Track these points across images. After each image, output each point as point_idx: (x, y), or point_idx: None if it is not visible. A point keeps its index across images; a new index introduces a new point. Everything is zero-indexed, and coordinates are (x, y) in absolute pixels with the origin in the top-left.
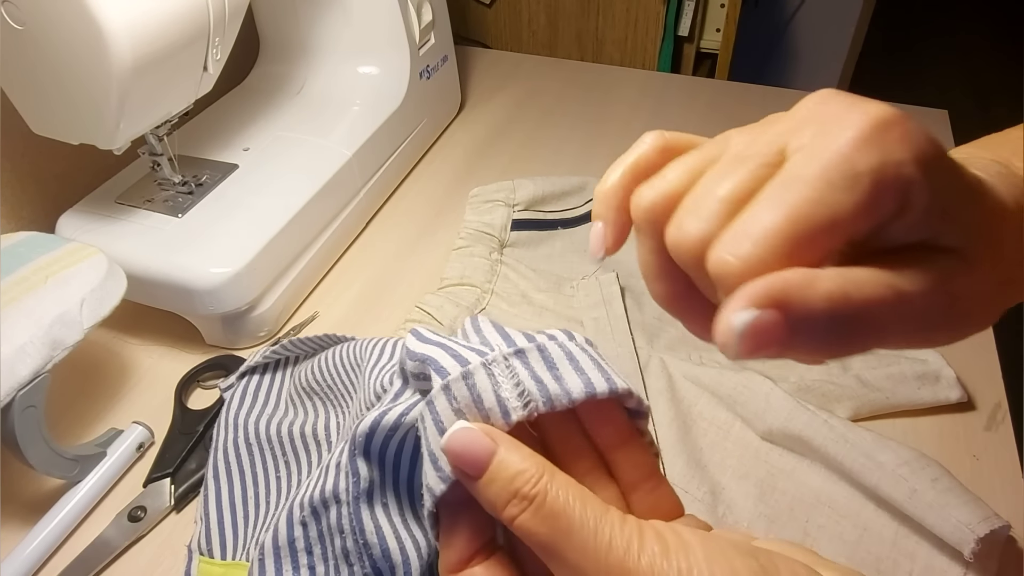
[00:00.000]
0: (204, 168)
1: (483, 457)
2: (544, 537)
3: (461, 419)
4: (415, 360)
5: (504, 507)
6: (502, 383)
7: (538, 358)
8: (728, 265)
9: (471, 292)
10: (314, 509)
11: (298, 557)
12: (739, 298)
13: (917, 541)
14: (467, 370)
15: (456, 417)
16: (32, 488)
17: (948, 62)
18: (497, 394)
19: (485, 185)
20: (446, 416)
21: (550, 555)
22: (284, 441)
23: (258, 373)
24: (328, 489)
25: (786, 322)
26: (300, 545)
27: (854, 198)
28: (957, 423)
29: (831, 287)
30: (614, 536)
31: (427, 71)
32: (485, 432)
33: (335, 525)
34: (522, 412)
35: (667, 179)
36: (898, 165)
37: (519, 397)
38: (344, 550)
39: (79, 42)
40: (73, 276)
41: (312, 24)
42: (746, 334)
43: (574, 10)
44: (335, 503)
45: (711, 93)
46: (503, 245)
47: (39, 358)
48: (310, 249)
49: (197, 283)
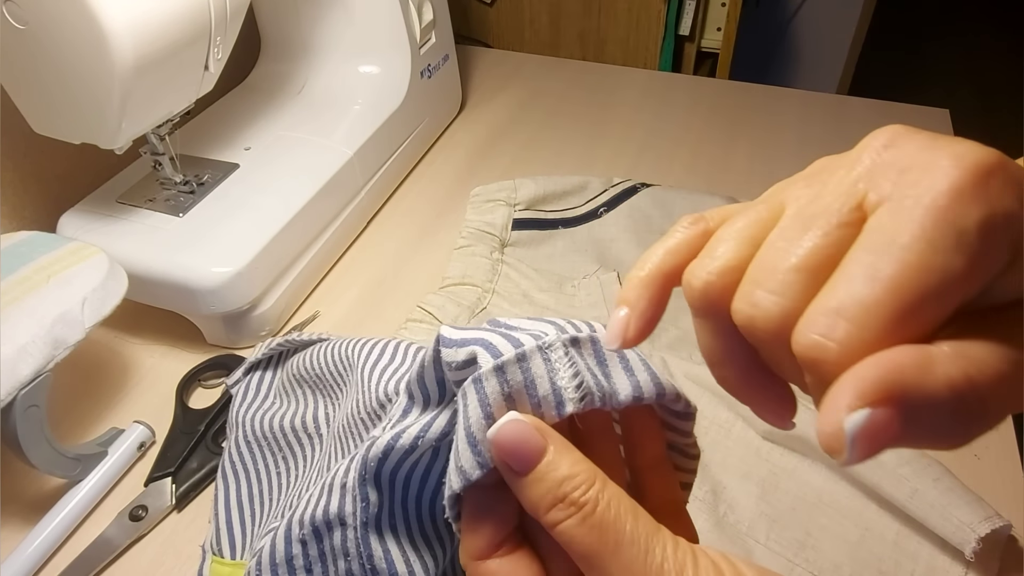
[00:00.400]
0: (205, 167)
1: (533, 455)
2: (589, 548)
3: (511, 405)
4: (455, 346)
5: (548, 510)
6: (559, 370)
7: (591, 351)
8: (826, 351)
9: (472, 291)
10: (315, 528)
11: (296, 574)
12: (846, 394)
13: (919, 541)
14: (522, 352)
15: (505, 402)
16: (34, 487)
17: (950, 61)
18: (553, 382)
19: (486, 184)
20: (495, 400)
21: (592, 567)
22: (278, 436)
23: (260, 369)
24: (332, 511)
25: (903, 417)
26: (299, 563)
27: (963, 260)
28: None
29: (953, 372)
30: (666, 559)
31: (428, 70)
32: (537, 428)
33: (339, 547)
34: (577, 405)
35: (722, 251)
36: (1007, 216)
37: (576, 389)
38: (349, 572)
39: (81, 41)
40: (75, 275)
41: (313, 23)
42: (859, 437)
43: (576, 9)
44: (340, 526)
45: (712, 92)
46: (504, 244)
47: (41, 357)
48: (311, 248)
49: (198, 282)
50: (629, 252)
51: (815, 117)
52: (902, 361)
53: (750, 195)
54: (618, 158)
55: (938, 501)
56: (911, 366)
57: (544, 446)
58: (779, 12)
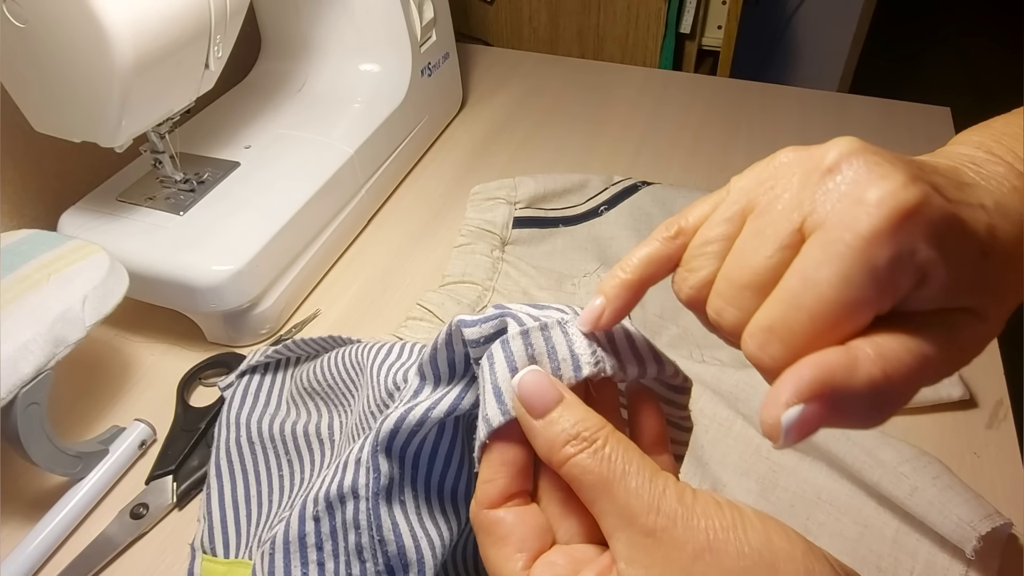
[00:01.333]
0: (206, 166)
1: (550, 399)
2: (598, 477)
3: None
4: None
5: (562, 446)
6: (576, 341)
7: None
8: (762, 361)
9: (472, 289)
10: (329, 504)
11: (307, 553)
12: (784, 392)
13: (918, 539)
14: (544, 323)
15: (529, 361)
16: (34, 485)
17: (949, 60)
18: (571, 349)
19: (486, 183)
20: (519, 357)
21: (599, 495)
22: (287, 440)
23: (259, 373)
24: (347, 484)
25: (830, 409)
26: (311, 541)
27: (873, 290)
28: (958, 421)
29: (874, 371)
30: (668, 487)
31: (428, 68)
32: (555, 380)
33: (351, 520)
34: (592, 369)
35: (697, 266)
36: (914, 253)
37: (592, 355)
38: (358, 546)
39: (81, 40)
40: (75, 274)
41: (313, 21)
42: (792, 428)
43: (575, 7)
44: (353, 498)
45: (712, 90)
46: (504, 243)
47: (42, 355)
48: (311, 247)
49: (199, 281)
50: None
51: (815, 115)
52: (832, 364)
53: None
54: (617, 156)
55: (938, 499)
56: (839, 368)
57: (560, 394)
58: (779, 10)
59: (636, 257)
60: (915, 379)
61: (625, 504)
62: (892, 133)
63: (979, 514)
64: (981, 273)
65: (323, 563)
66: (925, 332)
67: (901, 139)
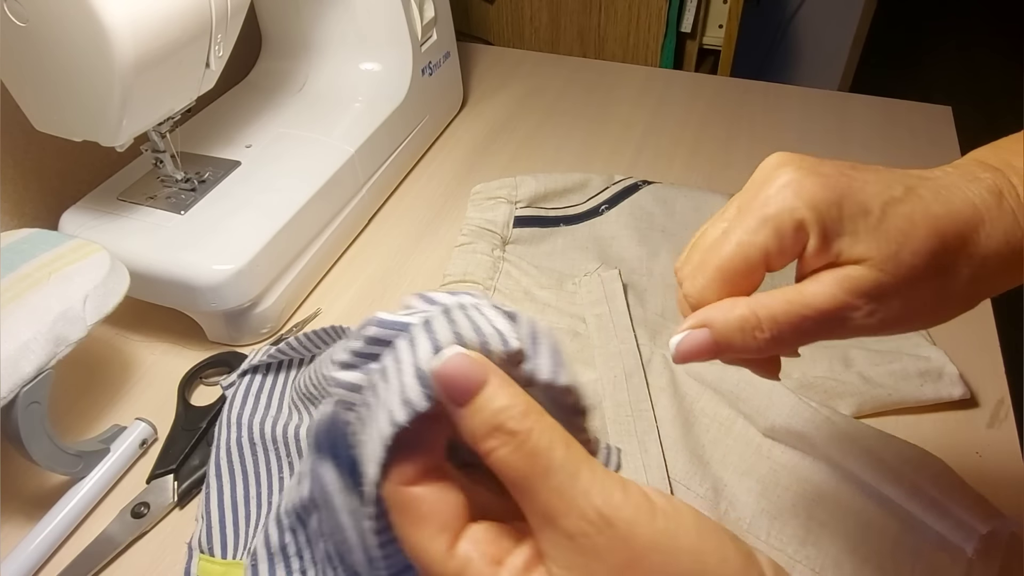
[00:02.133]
0: (206, 165)
1: (473, 386)
2: (520, 473)
3: (459, 343)
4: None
5: (485, 439)
6: (495, 319)
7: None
8: (687, 293)
9: (473, 289)
10: (298, 516)
11: (291, 562)
12: (683, 324)
13: (919, 538)
14: (463, 303)
15: (455, 340)
16: (35, 484)
17: (950, 60)
18: (493, 325)
19: (487, 182)
20: (443, 336)
21: (523, 492)
22: (289, 442)
23: (260, 373)
24: (305, 496)
25: (713, 337)
26: (291, 551)
27: (762, 240)
28: (960, 420)
29: (743, 311)
30: (594, 483)
31: (429, 68)
32: (479, 363)
33: (316, 530)
34: (517, 344)
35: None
36: (792, 211)
37: (513, 331)
38: (327, 554)
39: (82, 39)
40: (76, 273)
41: (314, 21)
42: (679, 347)
43: (576, 7)
44: (315, 509)
45: (714, 90)
46: (505, 242)
47: (43, 354)
48: (312, 246)
49: (200, 280)
50: (630, 250)
51: (816, 114)
52: (717, 305)
53: None
54: (618, 155)
55: (939, 498)
56: (719, 306)
57: (483, 378)
58: (780, 10)
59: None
60: (797, 320)
61: (547, 504)
62: (893, 132)
63: (980, 514)
64: (871, 231)
65: (305, 571)
66: (814, 284)
67: (902, 139)
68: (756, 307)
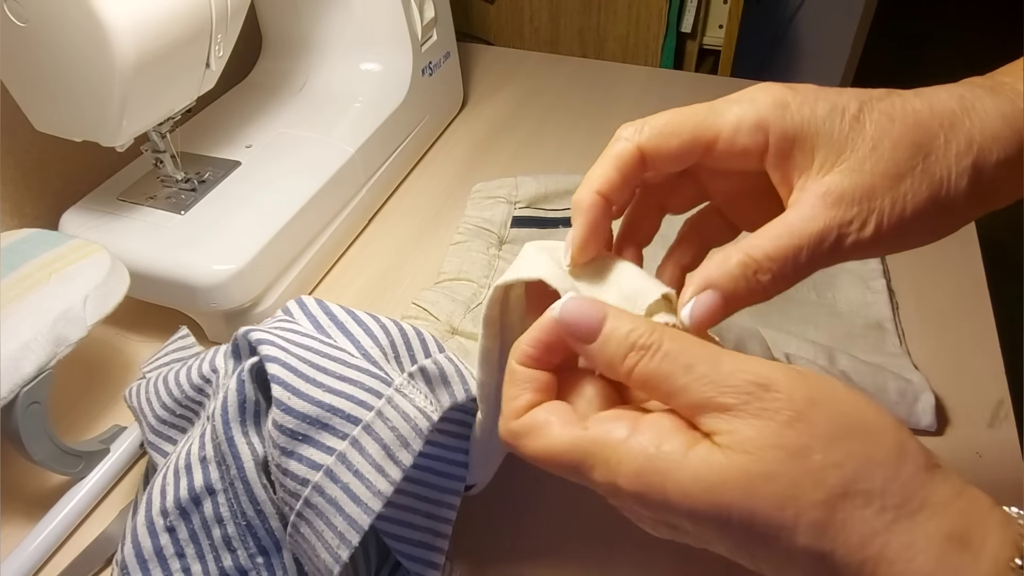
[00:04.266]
0: (207, 165)
1: (596, 323)
2: (665, 376)
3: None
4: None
5: (623, 360)
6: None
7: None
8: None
9: (468, 287)
10: (183, 509)
11: (169, 563)
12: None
13: None
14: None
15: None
16: (36, 484)
17: (952, 59)
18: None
19: (488, 181)
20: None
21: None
22: None
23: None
24: (199, 485)
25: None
26: (169, 552)
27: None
28: (960, 420)
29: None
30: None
31: (429, 68)
32: (594, 303)
33: (212, 516)
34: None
35: None
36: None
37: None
38: (225, 538)
39: (82, 39)
40: (76, 273)
41: (314, 21)
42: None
43: (576, 7)
44: (209, 495)
45: (714, 90)
46: (502, 241)
47: (43, 355)
48: (313, 246)
49: (200, 280)
50: None
51: None
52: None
53: None
54: None
55: None
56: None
57: (604, 314)
58: (781, 9)
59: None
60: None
61: (699, 392)
62: None
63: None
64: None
65: (188, 568)
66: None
67: None
68: (749, 250)
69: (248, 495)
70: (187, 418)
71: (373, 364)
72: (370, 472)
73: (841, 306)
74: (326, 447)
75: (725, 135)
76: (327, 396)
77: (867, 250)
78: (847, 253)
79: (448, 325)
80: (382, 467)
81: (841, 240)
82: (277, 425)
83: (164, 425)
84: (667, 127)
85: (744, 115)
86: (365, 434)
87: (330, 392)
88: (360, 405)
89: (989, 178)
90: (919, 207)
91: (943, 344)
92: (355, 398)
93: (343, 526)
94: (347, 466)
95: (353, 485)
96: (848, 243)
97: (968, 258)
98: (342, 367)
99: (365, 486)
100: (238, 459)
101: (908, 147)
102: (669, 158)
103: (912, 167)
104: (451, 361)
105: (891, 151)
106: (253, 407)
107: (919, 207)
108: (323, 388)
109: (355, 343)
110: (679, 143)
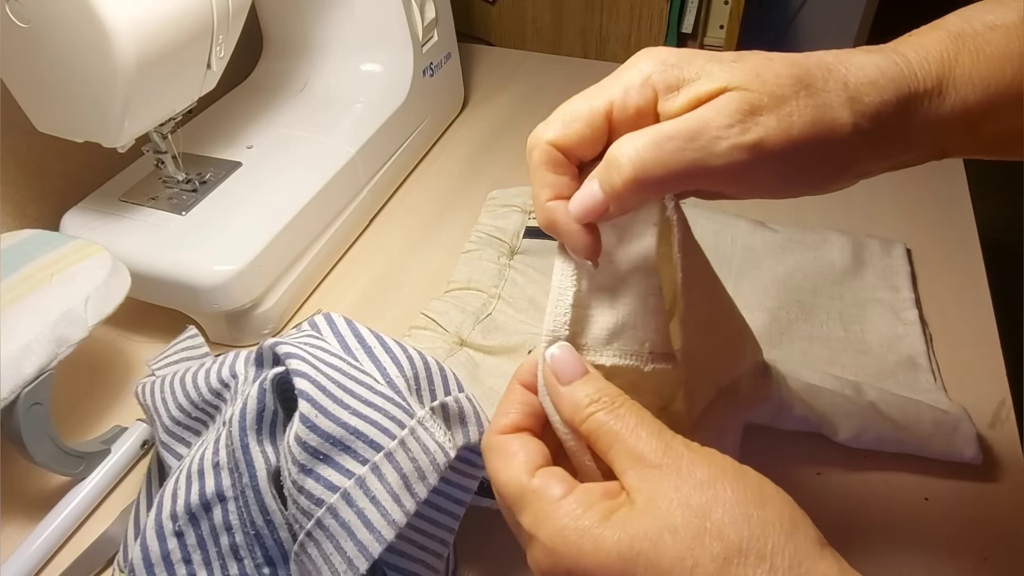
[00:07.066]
0: (208, 166)
1: (577, 371)
2: (610, 429)
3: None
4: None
5: (587, 407)
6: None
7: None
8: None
9: (478, 297)
10: (192, 515)
11: (175, 569)
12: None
13: None
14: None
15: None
16: (37, 485)
17: None
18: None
19: (505, 188)
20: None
21: (612, 443)
22: None
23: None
24: (210, 490)
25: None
26: (176, 557)
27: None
28: None
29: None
30: (676, 439)
31: (430, 68)
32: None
33: (221, 524)
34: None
35: None
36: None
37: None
38: (233, 546)
39: (83, 40)
40: (78, 273)
41: (315, 21)
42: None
43: (578, 7)
44: (219, 502)
45: None
46: (513, 252)
47: (44, 355)
48: (314, 246)
49: (201, 281)
50: None
51: None
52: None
53: None
54: None
55: None
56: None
57: (584, 368)
58: (782, 10)
59: None
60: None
61: (635, 447)
62: None
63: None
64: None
65: (194, 574)
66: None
67: None
68: (619, 142)
69: (259, 504)
70: (202, 420)
71: (397, 393)
72: (387, 500)
73: (870, 340)
74: (345, 469)
75: (617, 101)
76: (352, 419)
77: (747, 172)
78: (722, 165)
79: (457, 336)
80: (399, 496)
81: (718, 142)
82: (300, 441)
83: (178, 427)
84: (566, 116)
85: (631, 78)
86: (386, 461)
87: (355, 415)
88: (383, 432)
89: (871, 118)
90: (805, 130)
91: (943, 344)
92: (379, 424)
93: (353, 552)
94: (365, 491)
95: (368, 511)
96: (724, 146)
97: (968, 258)
98: (368, 392)
99: (380, 514)
100: (251, 467)
101: (789, 78)
102: (580, 142)
103: (795, 92)
104: (470, 401)
105: (774, 78)
106: (271, 417)
107: (805, 130)
108: (349, 410)
109: (381, 370)
110: (581, 124)
